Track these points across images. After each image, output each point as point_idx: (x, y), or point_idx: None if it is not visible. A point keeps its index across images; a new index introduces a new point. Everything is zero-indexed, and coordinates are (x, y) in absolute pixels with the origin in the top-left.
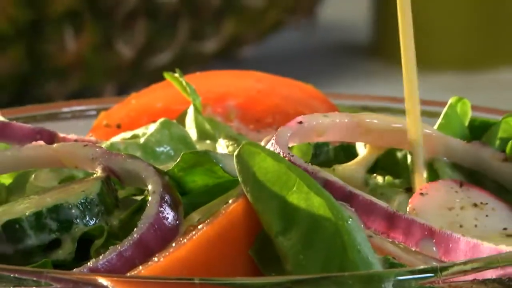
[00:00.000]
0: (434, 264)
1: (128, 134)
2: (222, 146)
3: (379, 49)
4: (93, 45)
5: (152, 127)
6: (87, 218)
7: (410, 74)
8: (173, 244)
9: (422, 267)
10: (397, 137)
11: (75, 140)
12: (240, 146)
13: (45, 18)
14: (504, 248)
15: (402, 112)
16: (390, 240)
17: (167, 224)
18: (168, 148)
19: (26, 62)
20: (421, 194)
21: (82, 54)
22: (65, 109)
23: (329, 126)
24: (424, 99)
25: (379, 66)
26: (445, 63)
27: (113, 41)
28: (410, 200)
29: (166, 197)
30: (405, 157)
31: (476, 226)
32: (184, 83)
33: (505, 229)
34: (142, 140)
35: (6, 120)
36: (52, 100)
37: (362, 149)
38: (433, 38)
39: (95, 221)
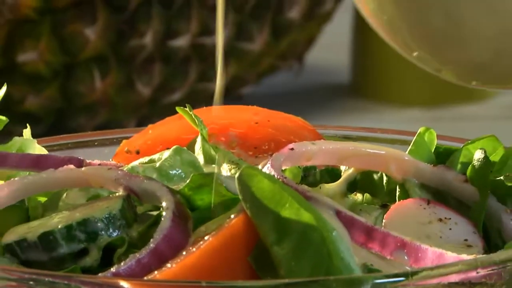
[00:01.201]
0: (406, 269)
1: (145, 159)
2: (226, 170)
3: (357, 89)
4: (117, 85)
5: (166, 153)
6: (111, 230)
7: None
8: (184, 253)
9: (395, 272)
10: (373, 161)
11: (100, 164)
12: (241, 169)
13: (76, 62)
14: (465, 256)
15: (376, 140)
16: (368, 250)
17: (178, 235)
18: (180, 171)
19: (60, 99)
20: (395, 210)
21: (108, 93)
22: (93, 138)
23: (316, 152)
24: (397, 130)
25: (357, 103)
26: (415, 100)
27: (134, 82)
28: (385, 216)
29: (177, 213)
30: (380, 178)
31: (441, 237)
32: (193, 116)
33: (465, 240)
34: (157, 164)
35: (42, 153)
36: (82, 131)
37: (344, 171)
38: (405, 79)
39: (117, 233)
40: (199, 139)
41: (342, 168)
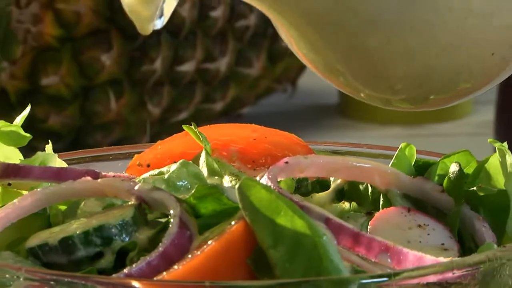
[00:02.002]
0: (389, 271)
1: (155, 172)
2: (227, 181)
3: (344, 109)
4: (130, 105)
5: (173, 166)
6: (124, 236)
7: None
8: (189, 256)
9: (379, 273)
10: (359, 173)
11: (114, 176)
12: (240, 180)
13: (94, 85)
14: (442, 258)
15: (362, 154)
16: (355, 253)
17: (184, 240)
18: (186, 182)
19: (79, 118)
20: (379, 217)
21: (122, 112)
22: (108, 153)
23: (308, 165)
24: (380, 145)
25: (344, 122)
26: (396, 118)
27: (145, 102)
28: (370, 222)
29: (184, 220)
30: (366, 188)
31: (420, 242)
32: (198, 133)
33: (442, 244)
34: (166, 176)
35: (62, 166)
36: (98, 146)
37: (332, 182)
38: None
39: (130, 237)
40: (203, 154)
41: (331, 179)
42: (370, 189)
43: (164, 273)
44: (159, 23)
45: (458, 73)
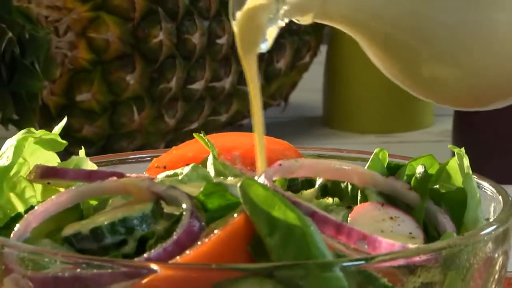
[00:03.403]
0: (366, 255)
1: (170, 173)
2: (231, 181)
3: (328, 120)
4: (150, 117)
5: (186, 169)
6: (144, 226)
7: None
8: (199, 243)
9: (358, 257)
10: (340, 174)
11: (136, 177)
12: (242, 180)
13: (120, 101)
14: (410, 245)
15: (343, 158)
16: (337, 240)
17: (195, 230)
18: (197, 182)
19: (107, 128)
20: (357, 211)
21: (143, 123)
22: (131, 157)
23: (298, 167)
24: (358, 150)
25: (328, 131)
26: (371, 128)
27: (163, 115)
28: (350, 215)
29: (194, 213)
30: (346, 186)
31: (392, 231)
32: (206, 140)
33: (410, 233)
34: (180, 177)
35: (93, 168)
36: (123, 151)
37: (318, 181)
38: (363, 114)
39: (149, 228)
40: (210, 157)
41: (317, 179)
42: (349, 187)
43: (178, 257)
44: (263, 47)
45: None
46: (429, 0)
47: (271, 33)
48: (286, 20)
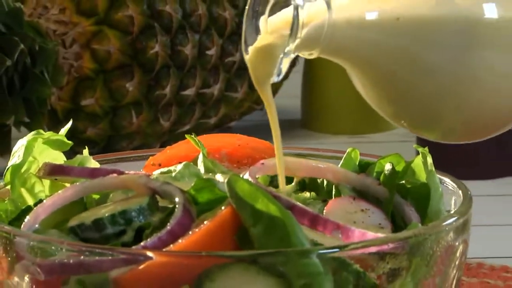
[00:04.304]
0: (340, 244)
1: (165, 170)
2: (219, 178)
3: (305, 123)
4: (147, 121)
5: (179, 166)
6: (141, 218)
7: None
8: (190, 232)
9: (333, 245)
10: (316, 171)
11: (134, 174)
12: (229, 176)
13: (120, 106)
14: (379, 234)
15: (319, 157)
16: (314, 230)
17: (187, 221)
18: (188, 179)
19: (109, 130)
20: (332, 204)
21: (141, 126)
22: (130, 155)
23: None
24: (333, 149)
25: (306, 132)
26: (344, 130)
27: (158, 118)
28: (325, 207)
29: (186, 206)
30: (322, 182)
31: (363, 222)
32: (197, 141)
33: (379, 224)
34: (173, 174)
35: (95, 166)
36: (123, 151)
37: (296, 178)
38: (337, 117)
39: (145, 219)
40: (200, 156)
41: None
42: (325, 182)
43: (171, 245)
44: (276, 78)
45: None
46: (426, 38)
47: (284, 64)
48: (296, 54)
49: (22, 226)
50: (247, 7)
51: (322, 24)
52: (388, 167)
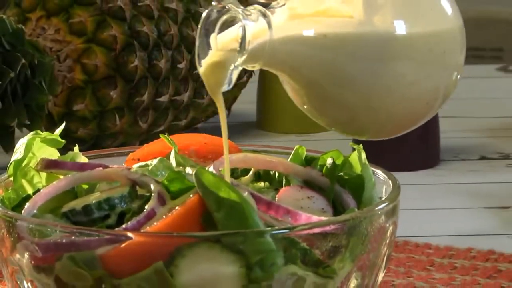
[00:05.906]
0: (290, 225)
1: (143, 164)
2: (188, 170)
3: (260, 124)
4: (128, 123)
5: (154, 161)
6: (123, 204)
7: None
8: (163, 216)
9: (283, 226)
10: (269, 164)
11: (117, 167)
12: (196, 169)
13: (106, 110)
14: (323, 218)
15: (271, 152)
16: (268, 215)
17: (160, 207)
18: (162, 171)
19: (96, 130)
20: (283, 192)
21: (123, 127)
22: (113, 152)
23: (238, 160)
24: (283, 146)
25: (260, 132)
26: (292, 130)
27: (138, 121)
28: (277, 195)
29: (161, 194)
30: (274, 173)
31: (309, 207)
32: (169, 139)
33: (322, 209)
34: (150, 168)
35: (84, 161)
36: (108, 148)
37: (252, 170)
38: (286, 119)
39: (126, 205)
40: (172, 152)
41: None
42: (277, 174)
43: (148, 227)
44: (226, 87)
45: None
46: (347, 52)
47: (234, 75)
48: (243, 66)
49: (22, 211)
50: (199, 26)
51: (264, 41)
52: (329, 161)
